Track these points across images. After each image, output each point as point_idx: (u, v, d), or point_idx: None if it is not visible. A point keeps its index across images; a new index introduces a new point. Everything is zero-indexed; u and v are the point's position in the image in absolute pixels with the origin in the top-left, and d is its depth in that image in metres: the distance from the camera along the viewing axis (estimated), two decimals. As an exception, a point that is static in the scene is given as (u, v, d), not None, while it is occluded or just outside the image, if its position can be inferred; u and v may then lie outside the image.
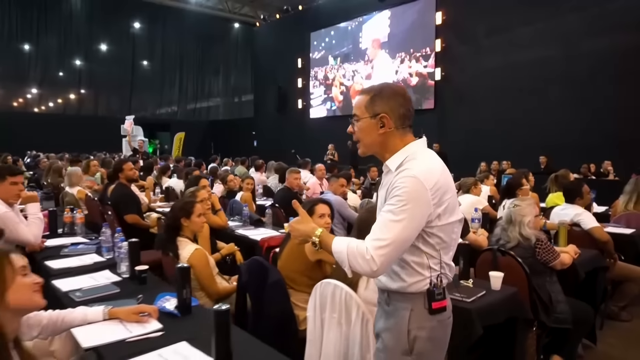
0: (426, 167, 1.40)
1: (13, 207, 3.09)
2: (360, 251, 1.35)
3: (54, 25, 20.80)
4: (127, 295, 2.19)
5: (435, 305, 1.45)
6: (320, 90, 17.17)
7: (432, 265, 1.44)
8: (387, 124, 1.46)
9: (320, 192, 5.93)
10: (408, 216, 1.35)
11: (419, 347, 1.46)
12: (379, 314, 1.62)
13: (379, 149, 1.51)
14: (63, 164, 8.18)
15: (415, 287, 1.46)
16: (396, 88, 1.51)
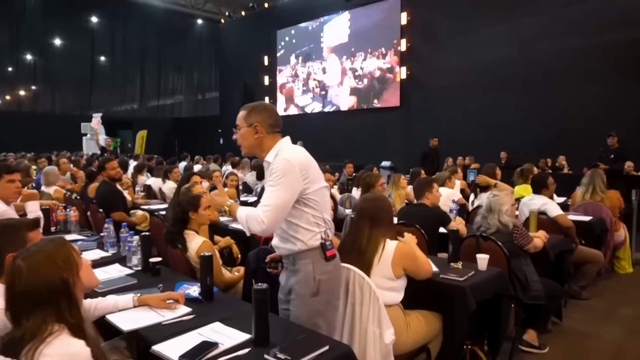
0: (292, 153, 1.92)
1: (10, 205, 3.11)
2: (255, 215, 1.83)
3: (5, 18, 19.79)
4: (146, 286, 2.30)
5: (329, 254, 1.94)
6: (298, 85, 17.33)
7: (318, 222, 1.93)
8: (259, 131, 1.95)
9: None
10: (283, 186, 1.82)
11: (324, 287, 1.94)
12: (287, 275, 2.05)
13: (257, 150, 2.01)
14: (29, 164, 7.95)
15: (311, 242, 1.91)
16: (266, 105, 2.08)
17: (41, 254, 1.33)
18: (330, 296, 1.98)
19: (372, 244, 2.25)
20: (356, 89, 14.95)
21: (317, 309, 1.94)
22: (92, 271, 1.50)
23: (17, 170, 3.15)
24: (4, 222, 1.72)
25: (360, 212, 2.37)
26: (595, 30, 9.61)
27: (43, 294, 1.28)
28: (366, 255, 2.24)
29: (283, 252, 2.02)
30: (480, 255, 2.65)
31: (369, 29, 14.29)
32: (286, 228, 1.94)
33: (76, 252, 1.43)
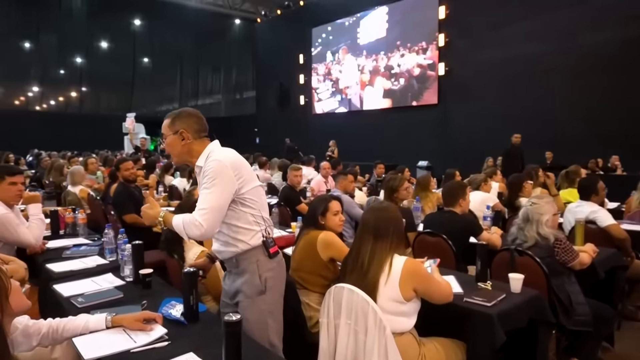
0: (224, 154, 1.89)
1: (13, 208, 3.00)
2: (192, 220, 1.79)
3: (54, 23, 20.63)
4: (131, 301, 2.09)
5: (272, 251, 1.95)
6: (327, 85, 16.92)
7: (257, 221, 1.92)
8: (186, 137, 1.91)
9: (325, 190, 5.83)
10: (218, 187, 1.80)
11: (270, 284, 1.95)
12: (231, 278, 2.03)
13: (187, 157, 1.96)
14: (65, 162, 8.08)
15: (253, 241, 1.91)
16: (190, 110, 2.00)
17: None
18: (276, 294, 1.99)
19: (377, 260, 1.94)
20: (391, 86, 14.46)
21: (265, 308, 1.94)
22: (21, 294, 1.28)
23: (20, 172, 3.04)
24: None
25: (364, 224, 2.06)
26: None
27: None
28: (370, 274, 1.92)
29: (225, 256, 2.00)
30: (513, 275, 2.26)
31: (405, 25, 13.79)
32: (226, 231, 1.92)
33: (4, 273, 1.21)
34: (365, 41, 15.34)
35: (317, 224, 2.58)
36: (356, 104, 15.79)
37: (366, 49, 15.31)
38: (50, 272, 2.57)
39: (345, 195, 4.35)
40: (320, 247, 2.47)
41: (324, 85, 17.02)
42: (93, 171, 6.80)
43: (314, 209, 2.63)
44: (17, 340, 1.64)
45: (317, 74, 17.29)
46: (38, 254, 2.94)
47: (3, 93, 21.85)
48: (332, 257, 2.49)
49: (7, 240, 2.82)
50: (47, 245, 3.06)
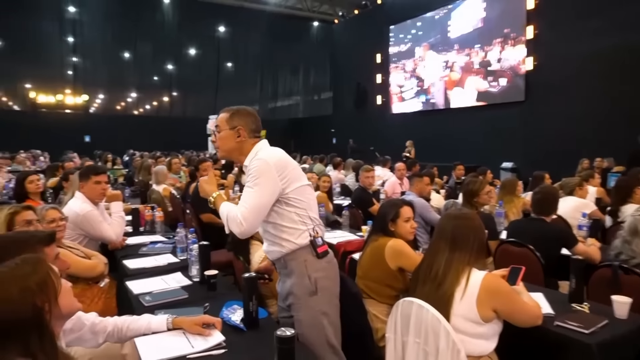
0: (268, 153, 1.88)
1: (98, 205, 3.19)
2: (234, 217, 1.78)
3: (149, 34, 22.35)
4: (195, 302, 2.09)
5: (320, 250, 1.89)
6: (412, 83, 16.14)
7: (303, 220, 1.88)
8: (242, 134, 1.91)
9: (400, 192, 5.60)
10: (260, 187, 1.79)
11: (321, 285, 1.88)
12: (282, 280, 1.99)
13: (236, 154, 1.96)
14: (152, 162, 8.62)
15: (300, 240, 1.87)
16: (249, 109, 2.01)
17: (12, 275, 1.12)
18: (329, 295, 1.92)
19: (452, 273, 1.73)
20: (475, 82, 13.63)
21: (318, 309, 1.88)
22: (72, 296, 1.27)
23: (104, 172, 3.23)
24: (15, 236, 1.58)
25: (440, 231, 1.86)
26: None
27: (9, 324, 1.06)
28: (444, 287, 1.72)
29: (274, 256, 1.97)
30: (618, 297, 1.92)
31: (490, 17, 12.97)
32: (272, 230, 1.90)
33: (55, 273, 1.20)
34: (448, 36, 14.44)
35: (386, 231, 2.41)
36: (438, 102, 15.00)
37: (447, 45, 14.48)
38: (125, 268, 2.67)
39: (420, 199, 4.11)
40: (388, 256, 2.30)
41: (409, 83, 16.26)
42: (176, 171, 7.14)
43: (384, 214, 2.47)
44: (86, 336, 1.68)
45: (396, 72, 16.74)
46: (118, 250, 3.09)
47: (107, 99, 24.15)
48: (401, 267, 2.31)
49: (91, 235, 3.00)
50: (126, 242, 3.21)
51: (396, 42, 16.65)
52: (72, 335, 1.63)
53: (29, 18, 19.80)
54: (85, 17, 21.04)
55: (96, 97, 23.77)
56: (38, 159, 13.65)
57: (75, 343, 1.67)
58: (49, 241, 1.55)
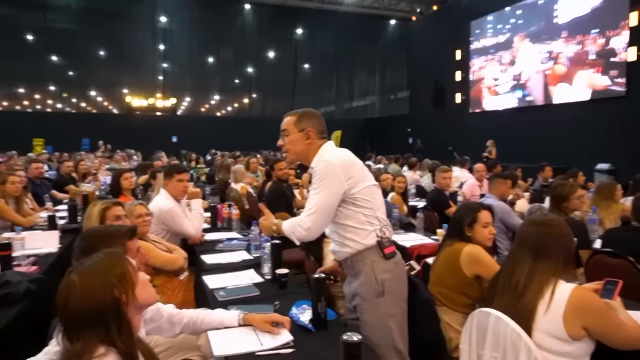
0: (333, 154, 1.89)
1: (180, 202, 3.38)
2: (298, 221, 1.84)
3: (231, 39, 23.47)
4: (266, 300, 2.12)
5: (387, 251, 1.86)
6: (507, 77, 14.75)
7: (370, 221, 1.86)
8: (311, 136, 1.91)
9: (479, 194, 5.32)
10: (325, 188, 1.80)
11: (388, 286, 1.85)
12: (348, 281, 1.98)
13: (305, 157, 1.95)
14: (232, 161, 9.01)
15: (366, 241, 1.85)
16: (315, 111, 2.02)
17: (96, 268, 1.20)
18: (397, 298, 1.89)
19: (535, 284, 1.58)
20: (566, 75, 12.47)
21: (385, 311, 1.85)
22: (150, 288, 1.33)
23: (186, 171, 3.41)
24: (103, 230, 1.70)
25: (522, 238, 1.71)
26: None
27: (93, 313, 1.14)
28: (525, 299, 1.58)
29: (340, 257, 1.96)
30: None
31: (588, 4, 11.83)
32: (339, 231, 1.90)
33: (133, 267, 1.27)
34: (554, 23, 12.77)
35: (462, 236, 2.29)
36: (537, 99, 13.53)
37: (552, 33, 12.79)
38: (203, 263, 2.79)
39: (500, 202, 3.87)
40: (464, 262, 2.18)
41: (504, 77, 14.93)
42: (254, 170, 7.40)
43: (460, 218, 2.34)
44: (164, 326, 1.77)
45: (492, 64, 15.45)
46: (197, 245, 3.24)
47: (193, 102, 25.76)
48: (478, 275, 2.18)
49: (173, 230, 3.18)
50: (205, 237, 3.36)
51: (494, 33, 15.26)
52: (152, 324, 1.72)
53: (127, 30, 21.75)
54: (174, 26, 22.62)
55: (183, 100, 25.43)
56: (132, 157, 14.88)
57: (154, 332, 1.77)
58: (131, 235, 1.66)
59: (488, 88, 15.59)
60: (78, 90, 23.38)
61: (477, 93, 16.18)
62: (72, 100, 23.98)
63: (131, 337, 1.20)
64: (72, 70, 22.65)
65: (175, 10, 21.85)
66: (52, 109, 23.70)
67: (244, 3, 22.75)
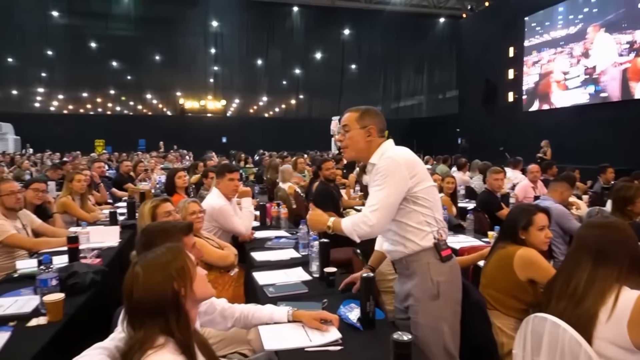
0: (397, 151, 1.88)
1: (231, 200, 3.48)
2: (361, 218, 1.80)
3: (279, 41, 23.88)
4: (314, 297, 2.14)
5: (444, 254, 1.84)
6: (578, 70, 13.64)
7: (428, 221, 1.84)
8: (372, 133, 1.90)
9: (532, 196, 5.11)
10: (390, 185, 1.78)
11: (443, 289, 1.83)
12: (402, 281, 1.96)
13: (364, 154, 1.94)
14: (279, 161, 9.16)
15: (424, 242, 1.84)
16: (376, 109, 2.00)
17: (157, 261, 1.27)
18: (451, 301, 1.87)
19: (596, 290, 1.51)
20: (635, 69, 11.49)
21: (439, 314, 1.83)
22: (206, 283, 1.39)
23: (237, 170, 3.51)
24: (161, 226, 1.79)
25: (581, 241, 1.63)
26: None
27: (153, 304, 1.21)
28: (584, 305, 1.51)
29: (395, 256, 1.95)
30: None
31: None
32: (396, 229, 1.88)
33: (192, 262, 1.33)
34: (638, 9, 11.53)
35: (516, 238, 2.21)
36: (612, 95, 12.46)
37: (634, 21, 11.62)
38: (253, 260, 2.86)
39: (558, 205, 3.69)
40: (518, 266, 2.10)
41: (575, 70, 13.95)
42: (301, 170, 7.48)
43: (515, 220, 2.26)
44: (217, 319, 1.84)
45: (562, 57, 14.43)
46: (247, 242, 3.33)
47: (242, 103, 26.40)
48: (532, 279, 2.10)
49: (224, 227, 3.28)
50: (254, 235, 3.44)
51: (565, 24, 14.27)
52: (206, 317, 1.80)
53: (181, 35, 22.68)
54: (225, 30, 23.34)
55: (232, 102, 26.11)
56: (185, 157, 15.46)
57: (208, 324, 1.84)
58: (188, 231, 1.73)
59: (557, 82, 14.63)
60: (135, 93, 24.61)
61: (545, 87, 15.09)
62: (130, 103, 25.25)
63: (188, 329, 1.26)
64: (130, 75, 23.90)
65: (226, 14, 22.54)
66: (112, 112, 25.08)
67: (292, 5, 23.07)
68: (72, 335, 1.92)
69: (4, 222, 3.03)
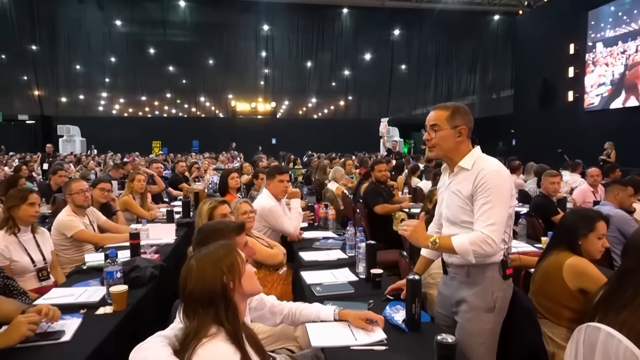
0: (496, 163, 1.84)
1: (280, 201, 3.58)
2: (480, 238, 1.73)
3: (329, 43, 24.06)
4: (360, 298, 2.18)
5: (508, 272, 1.86)
6: None
7: (505, 239, 1.80)
8: (463, 133, 1.85)
9: (592, 201, 4.86)
10: (502, 201, 1.76)
11: (499, 304, 1.86)
12: (454, 285, 1.94)
13: (451, 155, 1.89)
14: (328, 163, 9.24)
15: (494, 257, 1.82)
16: (467, 108, 1.91)
17: (210, 256, 1.37)
18: (501, 315, 1.90)
19: None
20: None
21: (488, 325, 1.86)
22: (255, 279, 1.47)
23: (287, 172, 3.60)
24: (216, 226, 1.88)
25: (636, 248, 1.57)
26: None
27: (205, 295, 1.31)
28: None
29: (456, 262, 1.91)
30: None
31: None
32: None
33: (242, 259, 1.42)
34: None
35: (573, 245, 2.12)
36: None
37: None
38: (301, 260, 2.93)
39: (619, 210, 3.51)
40: (568, 275, 2.03)
41: None
42: (349, 172, 7.51)
43: (575, 226, 2.16)
44: (266, 315, 1.92)
45: None
46: (295, 242, 3.41)
47: (291, 105, 26.80)
48: (583, 288, 2.02)
49: (273, 227, 3.38)
50: (303, 235, 3.52)
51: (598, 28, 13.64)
52: (256, 312, 1.88)
53: (233, 39, 23.41)
54: (276, 33, 23.82)
55: (282, 104, 26.55)
56: (236, 158, 15.93)
57: (258, 320, 1.93)
58: (240, 231, 1.83)
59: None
60: (190, 96, 25.61)
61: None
62: (185, 106, 26.31)
63: (237, 320, 1.34)
64: (185, 79, 24.94)
65: (276, 18, 23.01)
66: (168, 115, 26.25)
67: (341, 7, 23.16)
68: (135, 323, 2.07)
69: (74, 218, 3.29)
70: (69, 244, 3.26)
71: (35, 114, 21.77)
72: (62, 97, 23.39)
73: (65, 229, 3.23)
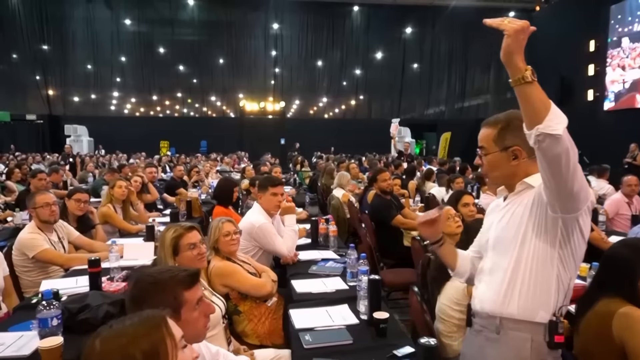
0: None
1: (274, 217, 3.14)
2: None
3: (339, 41, 23.59)
4: (360, 353, 1.73)
5: (557, 339, 1.35)
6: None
7: (560, 286, 1.36)
8: (520, 155, 1.43)
9: (629, 215, 4.32)
10: None
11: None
12: (479, 341, 1.49)
13: (511, 181, 1.47)
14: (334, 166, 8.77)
15: (537, 314, 1.35)
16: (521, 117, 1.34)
17: (122, 337, 0.91)
18: None
19: None
20: None
21: None
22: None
23: (281, 184, 3.16)
24: (157, 277, 1.38)
25: None
26: None
27: None
28: None
29: (488, 309, 1.44)
30: None
31: None
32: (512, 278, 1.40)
33: (172, 341, 0.95)
34: None
35: (632, 295, 1.60)
36: None
37: None
38: (292, 291, 2.48)
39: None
40: (619, 329, 1.54)
41: None
42: (355, 176, 7.04)
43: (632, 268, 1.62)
44: None
45: None
46: (289, 265, 2.96)
47: (301, 105, 26.38)
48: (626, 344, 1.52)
49: (264, 248, 2.95)
50: (298, 257, 3.06)
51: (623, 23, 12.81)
52: None
53: (242, 38, 23.11)
54: (285, 31, 23.43)
55: (292, 104, 26.15)
56: (242, 159, 15.53)
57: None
58: (190, 284, 1.33)
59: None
60: (199, 96, 25.35)
61: None
62: (195, 105, 26.05)
63: None
64: (195, 78, 24.67)
65: (286, 16, 22.62)
66: (178, 114, 26.03)
67: (352, 5, 22.69)
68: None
69: (37, 236, 2.89)
70: (32, 265, 2.87)
71: (43, 114, 21.66)
72: (71, 97, 23.33)
73: (27, 248, 2.83)
